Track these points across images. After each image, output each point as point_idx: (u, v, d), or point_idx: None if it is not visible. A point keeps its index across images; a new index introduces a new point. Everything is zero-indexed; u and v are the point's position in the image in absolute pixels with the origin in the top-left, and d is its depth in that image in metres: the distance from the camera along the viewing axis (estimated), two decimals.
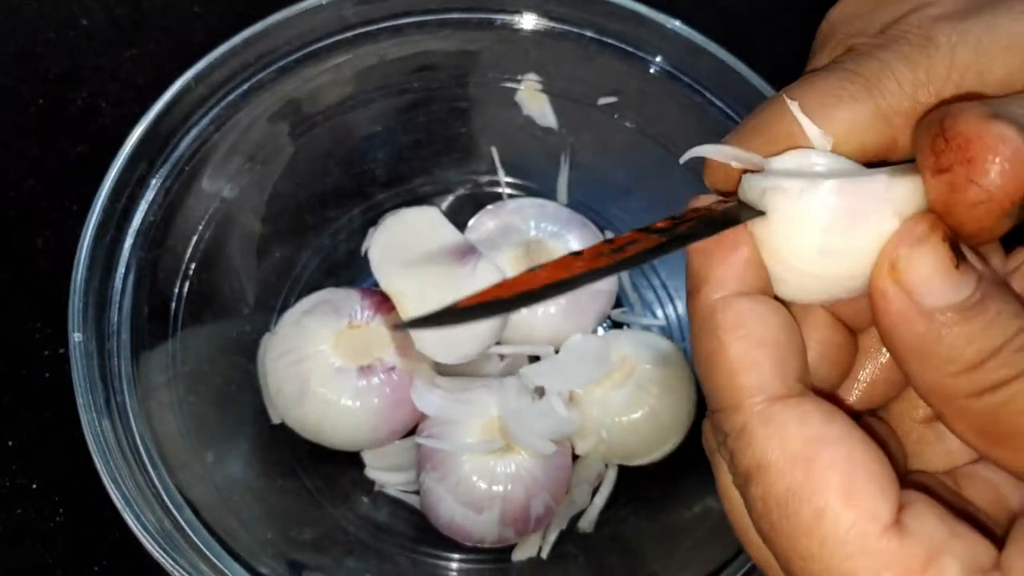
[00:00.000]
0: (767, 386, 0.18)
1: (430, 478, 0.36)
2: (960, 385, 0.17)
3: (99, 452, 0.30)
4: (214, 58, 0.36)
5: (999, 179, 0.16)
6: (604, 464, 0.39)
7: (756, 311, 0.18)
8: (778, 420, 0.18)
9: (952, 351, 0.17)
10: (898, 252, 0.17)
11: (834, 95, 0.19)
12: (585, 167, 0.44)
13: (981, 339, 0.17)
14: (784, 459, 0.17)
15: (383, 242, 0.39)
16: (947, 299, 0.17)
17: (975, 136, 0.16)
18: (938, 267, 0.17)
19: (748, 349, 0.18)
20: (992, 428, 0.17)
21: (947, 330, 0.17)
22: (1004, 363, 0.16)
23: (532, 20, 0.39)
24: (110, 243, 0.34)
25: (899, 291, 0.17)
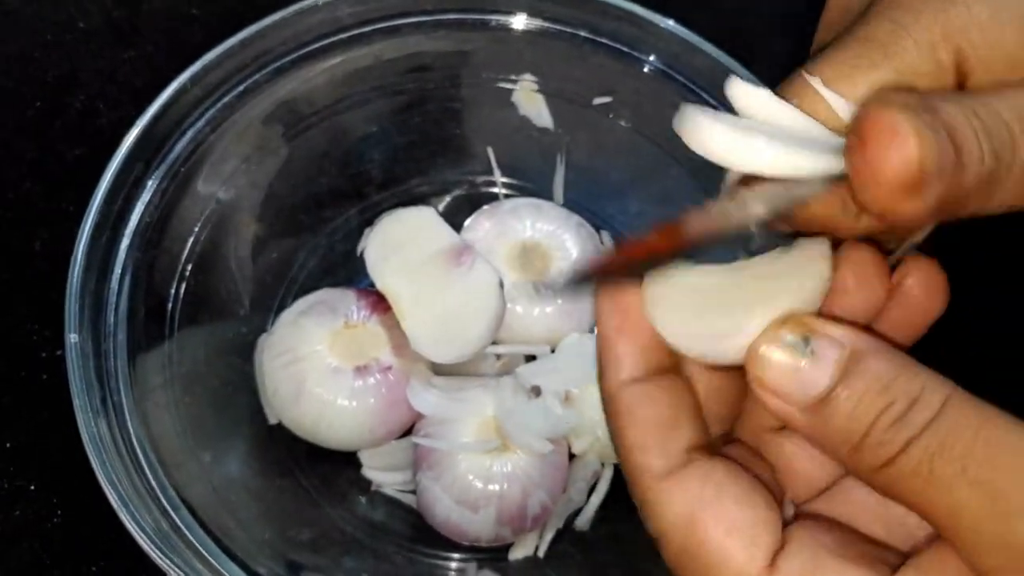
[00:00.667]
0: (653, 465, 0.20)
1: (426, 477, 0.36)
2: (855, 462, 0.18)
3: (96, 453, 0.30)
4: (210, 60, 0.36)
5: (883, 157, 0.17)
6: (600, 463, 0.39)
7: (645, 397, 0.20)
8: (664, 494, 0.20)
9: (835, 436, 0.18)
10: (752, 363, 0.19)
11: (851, 64, 0.20)
12: (581, 167, 0.44)
13: (852, 422, 0.18)
14: (672, 527, 0.20)
15: (379, 242, 0.39)
16: (803, 397, 0.18)
17: (866, 118, 0.17)
18: (784, 372, 0.19)
19: (636, 435, 0.20)
20: (899, 497, 0.18)
21: (822, 420, 0.18)
22: (879, 441, 0.18)
23: (527, 20, 0.39)
24: (106, 244, 0.34)
25: (768, 395, 0.19)
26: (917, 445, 0.17)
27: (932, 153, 0.17)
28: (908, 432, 0.18)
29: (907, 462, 0.18)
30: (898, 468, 0.18)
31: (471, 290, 0.39)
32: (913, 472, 0.17)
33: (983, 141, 0.18)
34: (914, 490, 0.18)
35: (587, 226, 0.42)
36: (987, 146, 0.18)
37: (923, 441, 0.17)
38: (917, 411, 0.18)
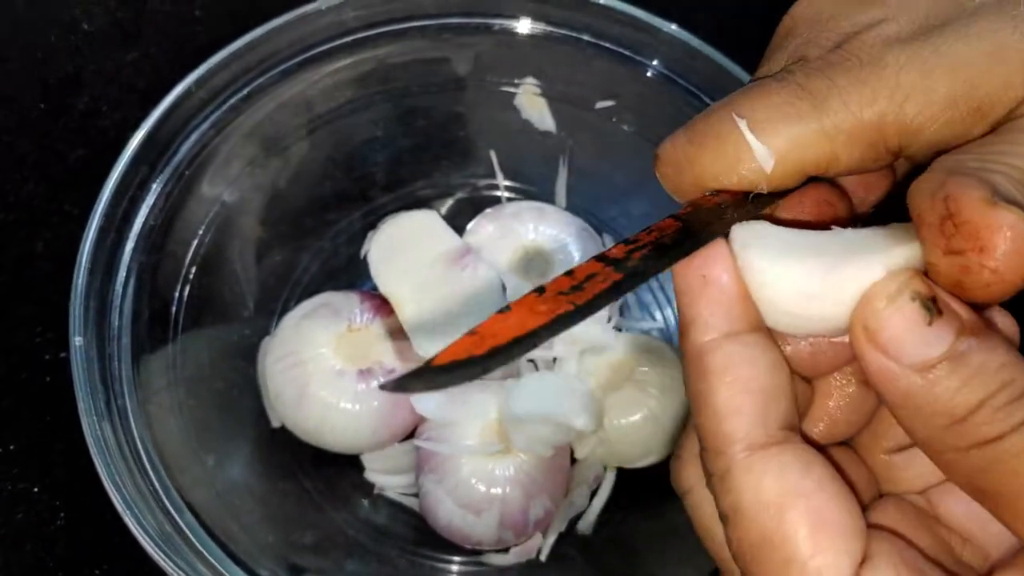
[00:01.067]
0: (749, 434, 0.19)
1: (429, 481, 0.36)
2: (947, 439, 0.17)
3: (100, 455, 0.30)
4: (215, 62, 0.36)
5: (1010, 262, 0.17)
6: (603, 466, 0.39)
7: (743, 355, 0.19)
8: (757, 469, 0.18)
9: (935, 406, 0.17)
10: (868, 312, 0.18)
11: (781, 111, 0.20)
12: (583, 170, 0.44)
13: (961, 395, 0.17)
14: (759, 508, 0.18)
15: (382, 245, 0.39)
16: (922, 356, 0.17)
17: (983, 225, 0.17)
18: (908, 326, 0.17)
19: (733, 396, 0.19)
20: (982, 484, 0.17)
21: (928, 386, 0.17)
22: (987, 419, 0.17)
23: (530, 25, 0.39)
24: (111, 247, 0.34)
25: (875, 351, 0.18)
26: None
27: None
28: (1020, 415, 0.17)
29: (1010, 444, 0.17)
30: (999, 448, 0.17)
31: (474, 293, 0.39)
32: (1015, 454, 0.17)
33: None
34: (1009, 473, 0.17)
35: (590, 230, 0.43)
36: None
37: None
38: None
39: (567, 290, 0.18)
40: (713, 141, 0.20)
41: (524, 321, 0.17)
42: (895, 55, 0.20)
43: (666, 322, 0.43)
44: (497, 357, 0.17)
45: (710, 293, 0.19)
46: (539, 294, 0.18)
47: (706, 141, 0.21)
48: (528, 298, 0.18)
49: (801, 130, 0.20)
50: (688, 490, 0.22)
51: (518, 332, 0.17)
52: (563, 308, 0.18)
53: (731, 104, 0.21)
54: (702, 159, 0.21)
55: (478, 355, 0.17)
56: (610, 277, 0.19)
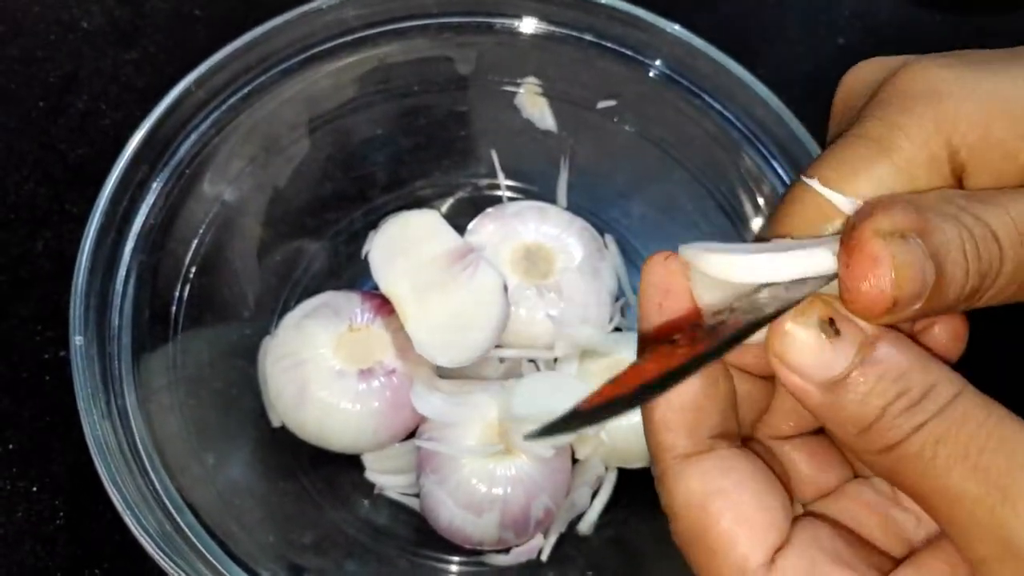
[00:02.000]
0: (677, 445, 0.21)
1: (430, 481, 0.36)
2: (860, 444, 0.19)
3: (100, 455, 0.30)
4: (215, 61, 0.36)
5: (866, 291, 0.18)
6: (604, 467, 0.39)
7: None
8: (684, 474, 0.21)
9: (845, 415, 0.19)
10: (774, 339, 0.19)
11: (849, 164, 0.20)
12: (585, 170, 0.44)
13: (864, 405, 0.19)
14: (686, 507, 0.21)
15: (383, 245, 0.39)
16: (823, 375, 0.19)
17: (857, 247, 0.18)
18: (807, 348, 0.19)
19: (667, 411, 0.21)
20: (899, 481, 0.19)
21: (835, 399, 0.19)
22: (888, 426, 0.19)
23: (532, 24, 0.39)
24: (111, 246, 0.34)
25: (787, 371, 0.19)
26: (924, 430, 0.18)
27: (910, 285, 0.18)
28: (918, 419, 0.18)
29: (911, 446, 0.18)
30: (903, 450, 0.19)
31: (475, 293, 0.38)
32: (916, 455, 0.18)
33: (971, 262, 0.19)
34: (916, 473, 0.18)
35: (591, 229, 0.42)
36: (974, 267, 0.19)
37: (929, 427, 0.18)
38: (929, 400, 0.18)
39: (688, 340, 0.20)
40: (791, 208, 0.21)
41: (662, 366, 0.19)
42: (948, 83, 0.20)
43: None
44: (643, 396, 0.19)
45: (663, 318, 0.21)
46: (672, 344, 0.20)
47: (785, 216, 0.21)
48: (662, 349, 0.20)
49: (876, 174, 0.20)
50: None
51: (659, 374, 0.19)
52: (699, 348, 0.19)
53: (801, 175, 0.21)
54: (788, 229, 0.21)
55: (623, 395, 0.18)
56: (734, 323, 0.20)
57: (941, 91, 0.20)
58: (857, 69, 0.23)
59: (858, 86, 0.23)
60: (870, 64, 0.23)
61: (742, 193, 0.38)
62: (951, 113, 0.20)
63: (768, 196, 0.37)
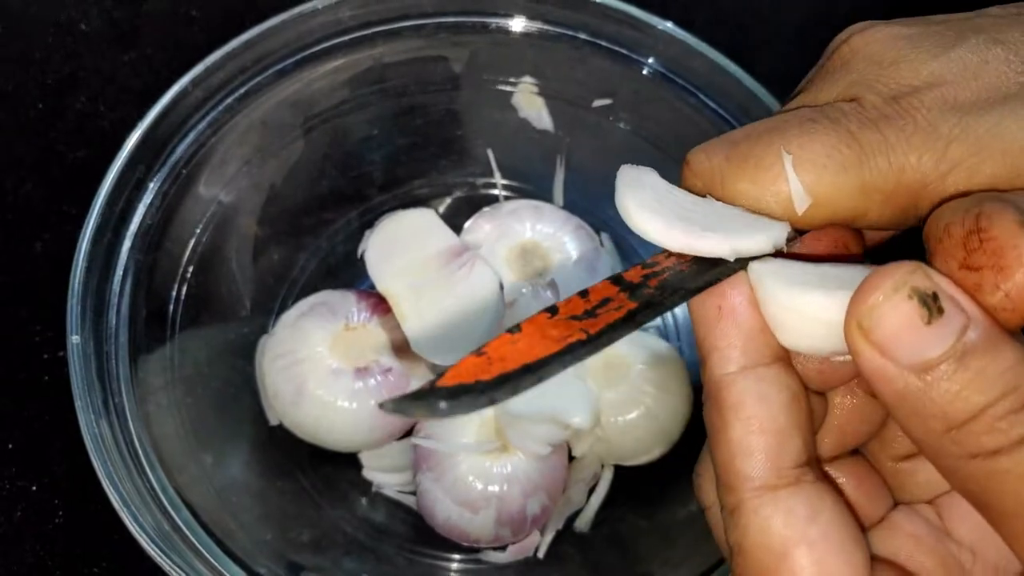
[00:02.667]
0: (759, 475, 0.18)
1: (427, 479, 0.36)
2: (945, 445, 0.17)
3: (98, 454, 0.30)
4: (211, 62, 0.36)
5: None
6: (600, 464, 0.39)
7: (759, 392, 0.19)
8: (764, 512, 0.18)
9: (931, 408, 0.16)
10: (861, 309, 0.17)
11: (828, 156, 0.20)
12: (581, 169, 0.44)
13: (960, 399, 0.16)
14: (761, 550, 0.18)
15: (379, 244, 0.39)
16: (918, 357, 0.16)
17: (1011, 245, 0.16)
18: (904, 324, 0.17)
19: (747, 434, 0.19)
20: (981, 496, 0.17)
21: (925, 387, 0.16)
22: (986, 429, 0.16)
23: (527, 23, 0.39)
24: (108, 246, 0.34)
25: (870, 349, 0.17)
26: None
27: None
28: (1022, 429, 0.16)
29: (1014, 461, 0.16)
30: (1002, 464, 0.16)
31: (471, 292, 0.39)
32: (1016, 474, 0.16)
33: None
34: (1009, 494, 0.16)
35: (587, 228, 0.43)
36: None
37: None
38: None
39: (580, 315, 0.18)
40: (753, 169, 0.20)
41: (534, 347, 0.17)
42: (950, 126, 0.19)
43: (664, 321, 0.43)
44: (505, 386, 0.16)
45: (726, 324, 0.19)
46: (551, 315, 0.18)
47: (746, 166, 0.20)
48: (540, 319, 0.18)
49: (843, 181, 0.19)
50: (709, 506, 0.23)
51: (527, 359, 0.17)
52: (575, 337, 0.18)
53: (778, 133, 0.20)
54: (737, 182, 0.20)
55: (485, 380, 0.16)
56: (625, 305, 0.19)
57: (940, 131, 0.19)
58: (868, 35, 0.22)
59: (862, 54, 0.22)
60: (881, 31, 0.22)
61: None
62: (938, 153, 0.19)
63: None
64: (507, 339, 0.17)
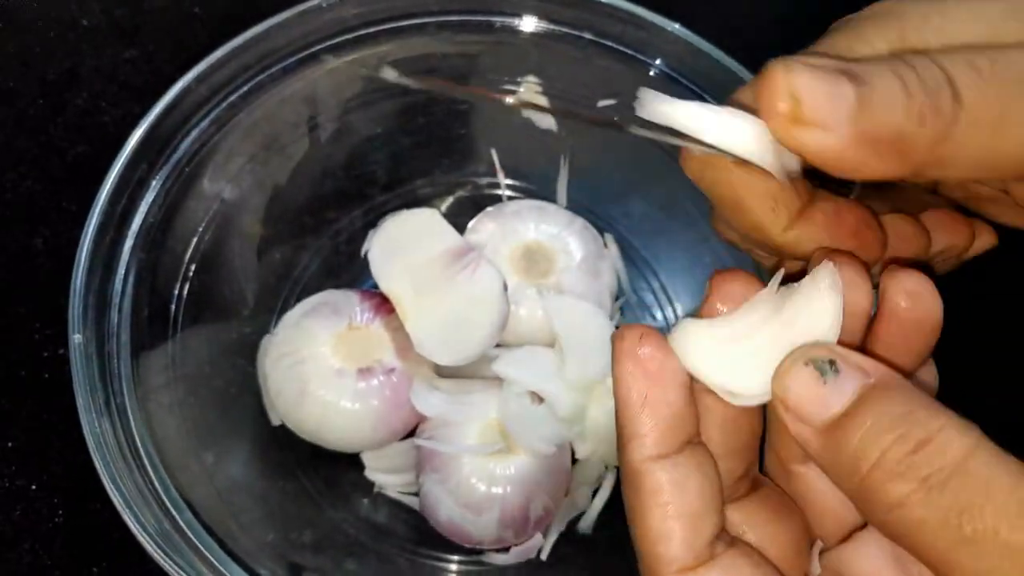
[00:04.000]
0: (678, 558, 0.19)
1: (429, 480, 0.36)
2: (866, 498, 0.17)
3: (99, 453, 0.30)
4: (215, 59, 0.36)
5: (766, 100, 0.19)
6: (604, 466, 0.39)
7: (675, 478, 0.20)
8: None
9: (844, 463, 0.17)
10: (775, 384, 0.19)
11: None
12: (584, 169, 0.44)
13: (861, 449, 0.17)
14: None
15: (383, 244, 0.39)
16: (821, 416, 0.18)
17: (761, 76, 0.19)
18: (804, 389, 0.18)
19: (664, 520, 0.19)
20: (919, 547, 0.17)
21: (834, 444, 0.18)
22: (890, 475, 0.17)
23: (532, 23, 0.39)
24: (110, 244, 0.34)
25: (789, 417, 0.18)
26: (943, 495, 0.16)
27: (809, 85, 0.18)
28: (921, 471, 0.16)
29: (931, 512, 0.16)
30: (914, 514, 0.16)
31: (475, 292, 0.38)
32: (940, 524, 0.16)
33: (909, 83, 0.18)
34: (934, 545, 0.16)
35: (591, 228, 0.42)
36: (915, 86, 0.18)
37: (948, 494, 0.16)
38: (934, 450, 0.16)
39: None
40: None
41: None
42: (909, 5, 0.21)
43: (666, 322, 0.43)
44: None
45: (647, 413, 0.20)
46: None
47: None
48: None
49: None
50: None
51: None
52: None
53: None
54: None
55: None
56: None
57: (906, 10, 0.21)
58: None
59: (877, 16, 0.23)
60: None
61: None
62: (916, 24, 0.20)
63: None
64: None
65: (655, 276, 0.44)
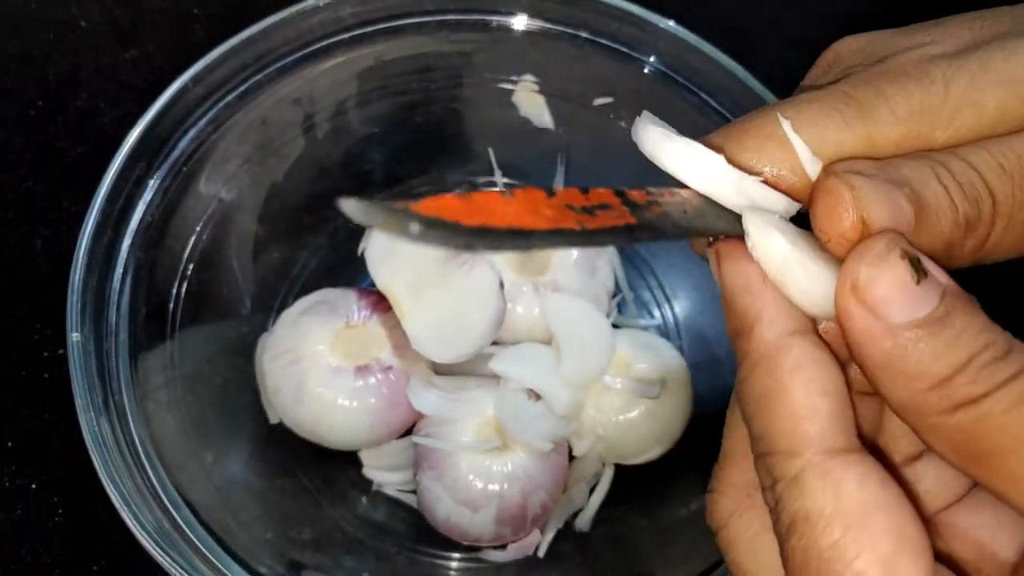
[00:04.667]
0: (828, 437, 0.18)
1: (427, 477, 0.36)
2: (931, 402, 0.17)
3: (98, 452, 0.30)
4: (212, 59, 0.36)
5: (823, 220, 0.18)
6: (601, 463, 0.39)
7: (815, 356, 0.18)
8: (836, 475, 0.17)
9: (919, 366, 0.17)
10: (858, 271, 0.17)
11: (827, 116, 0.20)
12: (581, 167, 0.44)
13: (947, 354, 0.17)
14: (836, 515, 0.17)
15: (380, 243, 0.39)
16: (910, 315, 0.17)
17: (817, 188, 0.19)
18: (898, 284, 0.17)
19: (810, 395, 0.18)
20: (968, 446, 0.17)
21: (913, 346, 0.17)
22: (972, 379, 0.17)
23: (527, 21, 0.39)
24: (108, 243, 0.34)
25: (862, 309, 0.17)
26: (1014, 386, 0.16)
27: (876, 207, 0.18)
28: (1004, 373, 0.16)
29: (1001, 399, 0.16)
30: (987, 407, 0.16)
31: (471, 290, 0.39)
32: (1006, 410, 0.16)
33: (953, 193, 0.18)
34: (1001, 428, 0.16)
35: None
36: (958, 196, 0.18)
37: (1020, 384, 0.16)
38: (1016, 355, 0.17)
39: (577, 208, 0.18)
40: (754, 138, 0.20)
41: (523, 216, 0.17)
42: (942, 69, 0.20)
43: (664, 319, 0.43)
44: (485, 239, 0.16)
45: (772, 291, 0.19)
46: (548, 195, 0.18)
47: (746, 140, 0.20)
48: (536, 194, 0.17)
49: (848, 137, 0.19)
50: (723, 525, 0.22)
51: (514, 223, 0.16)
52: (568, 223, 0.17)
53: (775, 107, 0.20)
54: (742, 153, 0.20)
55: (465, 225, 0.16)
56: (624, 217, 0.19)
57: (933, 74, 0.20)
58: (850, 39, 0.23)
59: (846, 53, 0.22)
60: (863, 36, 0.22)
61: None
62: (940, 94, 0.19)
63: None
64: (497, 198, 0.17)
65: (652, 273, 0.44)
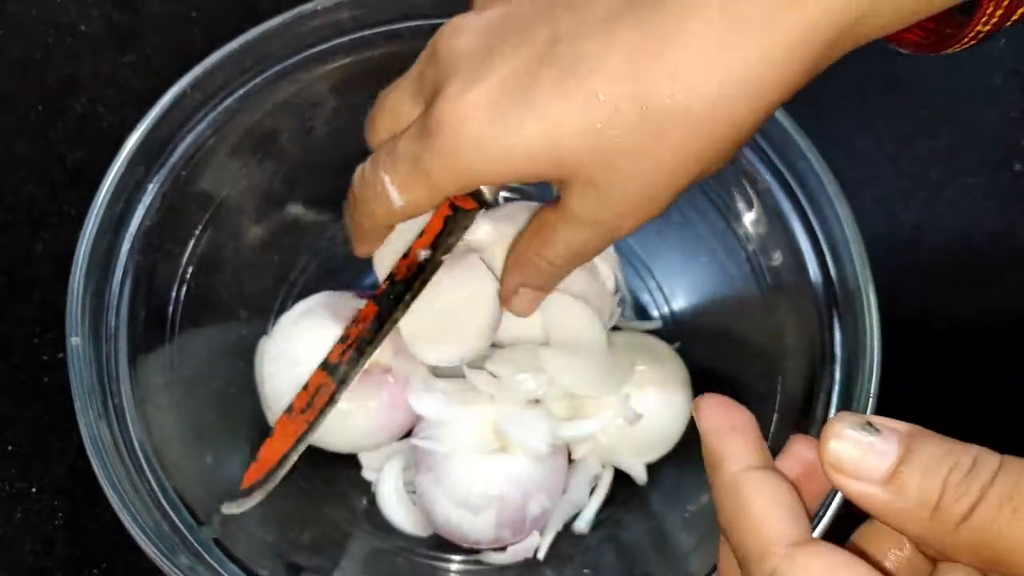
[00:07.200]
0: (787, 533, 0.21)
1: (426, 480, 0.36)
2: (937, 527, 0.20)
3: (97, 455, 0.30)
4: (211, 63, 0.36)
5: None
6: (601, 465, 0.39)
7: (771, 480, 0.22)
8: (800, 559, 0.20)
9: (912, 503, 0.20)
10: (827, 454, 0.20)
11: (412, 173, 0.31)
12: None
13: (926, 485, 0.20)
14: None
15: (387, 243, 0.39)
16: (881, 470, 0.20)
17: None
18: (859, 449, 0.20)
19: (767, 506, 0.21)
20: (983, 554, 0.19)
21: (899, 490, 0.20)
22: (955, 499, 0.19)
23: None
24: (108, 247, 0.34)
25: (849, 480, 0.20)
26: (991, 493, 0.19)
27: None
28: (978, 483, 0.19)
29: (986, 509, 0.19)
30: (979, 517, 0.19)
31: (469, 293, 0.39)
32: (994, 516, 0.19)
33: None
34: (998, 532, 0.19)
35: None
36: None
37: (996, 488, 0.19)
38: (981, 467, 0.19)
39: (304, 407, 0.33)
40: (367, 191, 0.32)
41: (281, 446, 0.32)
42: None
43: (664, 321, 0.43)
44: (272, 476, 0.32)
45: (735, 436, 0.22)
46: (288, 415, 0.32)
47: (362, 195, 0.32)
48: (283, 420, 0.33)
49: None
50: None
51: (278, 456, 0.32)
52: (301, 428, 0.32)
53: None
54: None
55: (259, 479, 0.31)
56: (328, 389, 0.33)
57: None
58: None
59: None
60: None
61: (735, 190, 0.38)
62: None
63: (761, 193, 0.37)
64: (268, 444, 0.32)
65: (651, 275, 0.44)
